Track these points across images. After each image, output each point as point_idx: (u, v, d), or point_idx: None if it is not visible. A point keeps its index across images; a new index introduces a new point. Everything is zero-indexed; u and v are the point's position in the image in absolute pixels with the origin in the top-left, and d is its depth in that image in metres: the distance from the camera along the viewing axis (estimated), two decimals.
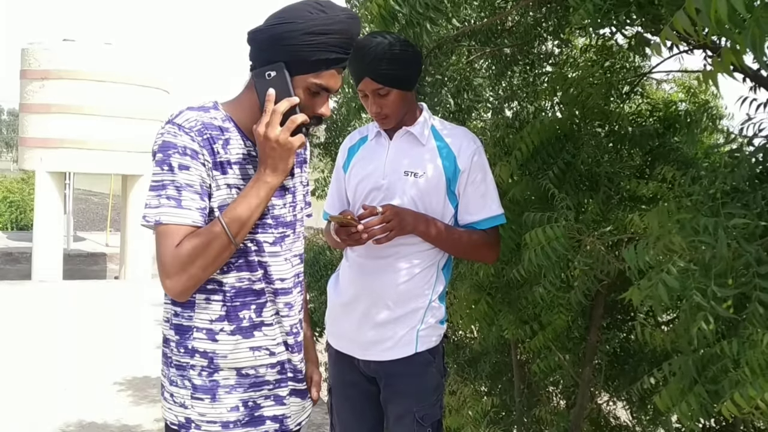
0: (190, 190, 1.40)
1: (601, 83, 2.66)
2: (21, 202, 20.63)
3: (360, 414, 2.15)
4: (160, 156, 1.40)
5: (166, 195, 1.39)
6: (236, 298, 1.49)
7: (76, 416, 5.44)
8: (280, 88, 1.42)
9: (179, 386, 1.49)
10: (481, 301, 2.82)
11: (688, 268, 1.50)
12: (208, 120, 1.45)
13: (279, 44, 1.41)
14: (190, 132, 1.40)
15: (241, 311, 1.49)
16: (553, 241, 1.97)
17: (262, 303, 1.52)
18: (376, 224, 1.89)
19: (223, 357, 1.48)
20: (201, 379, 1.48)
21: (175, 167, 1.39)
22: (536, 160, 2.62)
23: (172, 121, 1.43)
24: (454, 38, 2.73)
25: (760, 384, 1.40)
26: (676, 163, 2.56)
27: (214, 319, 1.48)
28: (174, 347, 1.50)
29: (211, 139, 1.43)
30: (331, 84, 1.47)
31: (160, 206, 1.39)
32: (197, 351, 1.48)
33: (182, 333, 1.49)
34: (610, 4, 1.76)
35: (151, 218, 1.40)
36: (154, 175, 1.41)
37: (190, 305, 1.48)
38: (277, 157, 1.41)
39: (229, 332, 1.48)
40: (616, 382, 3.22)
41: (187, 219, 1.39)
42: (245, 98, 1.51)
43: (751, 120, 1.79)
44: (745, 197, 1.58)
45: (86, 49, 13.12)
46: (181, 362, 1.49)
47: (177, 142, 1.39)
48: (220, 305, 1.48)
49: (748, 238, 1.47)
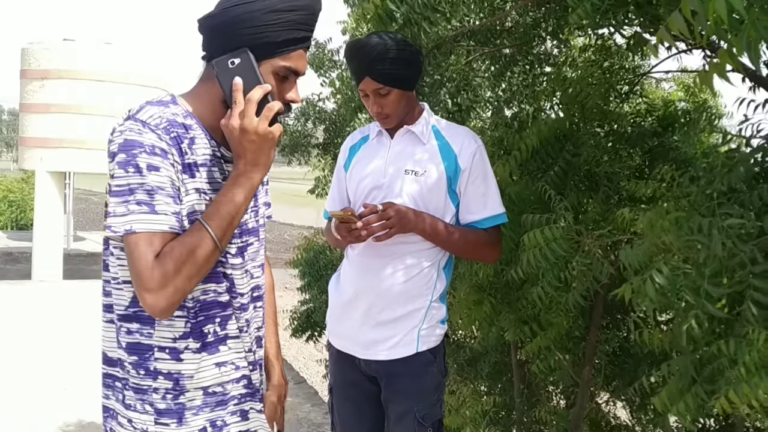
0: (163, 193, 1.23)
1: (600, 83, 2.66)
2: (21, 201, 20.62)
3: (361, 413, 2.16)
4: (122, 156, 1.22)
5: (136, 200, 1.21)
6: (201, 312, 1.35)
7: (76, 416, 5.44)
8: (247, 76, 1.28)
9: (139, 411, 1.34)
10: (480, 301, 2.82)
11: (681, 267, 1.51)
12: (171, 116, 1.28)
13: (240, 27, 1.27)
14: (156, 129, 1.24)
15: (205, 326, 1.36)
16: (551, 243, 1.97)
17: (227, 315, 1.39)
18: (375, 221, 1.89)
19: (189, 377, 1.34)
20: (165, 402, 1.33)
21: (143, 168, 1.21)
22: (535, 160, 2.62)
23: (133, 117, 1.26)
24: (452, 38, 2.73)
25: (755, 382, 1.40)
26: (674, 162, 2.56)
27: (177, 337, 1.33)
28: (130, 368, 1.34)
29: (178, 138, 1.27)
30: (300, 66, 1.34)
31: (130, 213, 1.21)
32: (160, 373, 1.33)
33: (140, 353, 1.33)
34: (609, 4, 1.75)
35: (119, 227, 1.21)
36: (117, 179, 1.22)
37: (150, 321, 1.31)
38: (257, 150, 1.26)
39: (195, 350, 1.34)
40: (615, 381, 3.22)
41: (163, 225, 1.22)
42: (203, 92, 1.36)
43: (749, 120, 1.79)
44: (742, 197, 1.58)
45: (86, 49, 13.10)
46: (141, 385, 1.33)
47: (143, 140, 1.22)
48: (183, 321, 1.33)
49: (743, 238, 1.47)
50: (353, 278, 2.09)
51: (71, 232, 16.29)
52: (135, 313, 1.33)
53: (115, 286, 1.34)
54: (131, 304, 1.33)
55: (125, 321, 1.33)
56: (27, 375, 6.58)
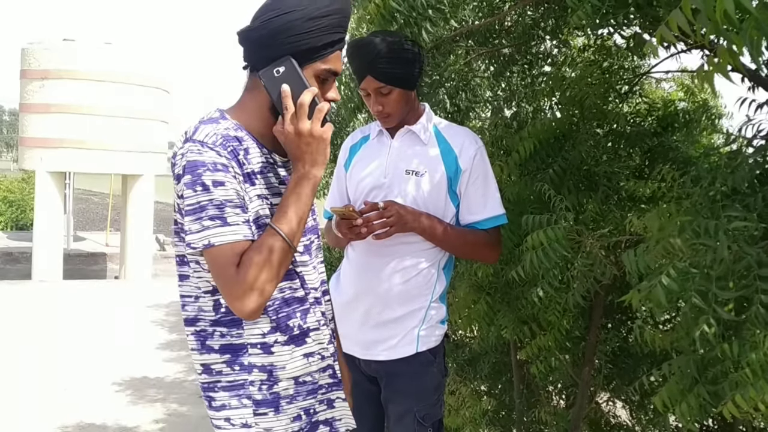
0: (231, 204, 1.31)
1: (599, 83, 2.65)
2: (21, 201, 20.62)
3: (360, 413, 2.14)
4: (188, 178, 1.30)
5: (208, 216, 1.29)
6: (282, 308, 1.44)
7: (75, 416, 5.44)
8: (293, 82, 1.34)
9: (236, 407, 1.42)
10: (480, 301, 2.81)
11: (688, 271, 1.50)
12: (224, 132, 1.36)
13: (282, 37, 1.34)
14: (214, 147, 1.31)
15: (290, 320, 1.45)
16: (553, 243, 1.97)
17: (306, 309, 1.48)
18: (376, 219, 1.89)
19: (281, 368, 1.43)
20: (262, 393, 1.42)
21: (210, 185, 1.29)
22: (535, 160, 2.62)
23: (191, 138, 1.34)
24: (451, 38, 2.73)
25: (760, 385, 1.40)
26: (674, 162, 2.56)
27: (266, 332, 1.42)
28: (224, 367, 1.42)
29: (234, 151, 1.34)
30: (338, 66, 1.42)
31: (205, 229, 1.29)
32: (255, 366, 1.42)
33: (233, 352, 1.42)
34: (609, 6, 1.75)
35: (198, 243, 1.30)
36: (187, 199, 1.31)
37: (236, 323, 1.41)
38: (315, 151, 1.35)
39: (283, 343, 1.43)
40: (615, 381, 3.22)
41: (238, 235, 1.31)
42: (250, 103, 1.44)
43: (751, 121, 1.78)
44: (746, 199, 1.58)
45: (86, 49, 13.11)
46: (236, 381, 1.42)
47: (204, 159, 1.30)
48: (267, 319, 1.42)
49: (748, 241, 1.47)
50: (353, 278, 2.09)
51: (71, 232, 16.30)
52: (220, 319, 1.41)
53: (200, 296, 1.42)
54: (215, 309, 1.41)
55: (216, 326, 1.42)
56: (27, 375, 6.58)
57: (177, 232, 1.42)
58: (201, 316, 1.42)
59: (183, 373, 6.79)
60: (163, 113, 14.24)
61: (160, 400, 5.96)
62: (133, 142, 13.26)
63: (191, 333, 1.44)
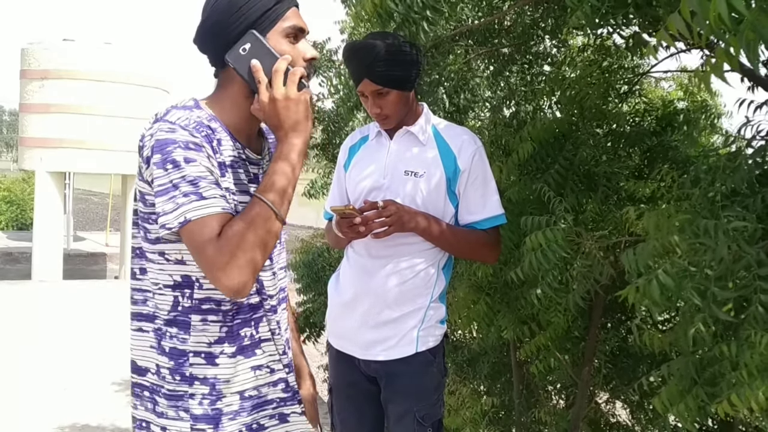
0: (206, 180, 1.23)
1: (598, 83, 2.65)
2: (21, 201, 20.62)
3: (360, 414, 2.16)
4: (158, 157, 1.23)
5: (182, 193, 1.21)
6: (237, 315, 1.36)
7: (74, 417, 5.45)
8: (261, 55, 1.29)
9: (174, 418, 1.33)
10: (479, 301, 2.81)
11: (686, 269, 1.50)
12: (197, 119, 1.29)
13: (232, 13, 1.30)
14: (187, 128, 1.25)
15: (242, 329, 1.37)
16: (552, 244, 1.97)
17: (259, 318, 1.40)
18: (375, 218, 1.89)
19: (225, 382, 1.35)
20: (202, 408, 1.33)
21: (181, 161, 1.22)
22: (535, 160, 2.62)
23: (162, 119, 1.27)
24: (450, 38, 2.73)
25: (756, 385, 1.40)
26: (674, 162, 2.56)
27: (212, 342, 1.33)
28: (167, 374, 1.34)
29: (208, 137, 1.28)
30: (301, 22, 1.36)
31: (180, 206, 1.21)
32: (196, 378, 1.33)
33: (176, 358, 1.33)
34: (608, 6, 1.75)
35: (174, 222, 1.21)
36: (157, 180, 1.23)
37: (185, 326, 1.32)
38: (293, 115, 1.28)
39: (230, 354, 1.35)
40: (614, 381, 3.22)
41: (215, 207, 1.23)
42: (223, 94, 1.38)
43: (750, 122, 1.78)
44: (745, 201, 1.58)
45: (86, 49, 13.10)
46: (176, 391, 1.33)
47: (176, 137, 1.23)
48: (218, 326, 1.33)
49: (747, 241, 1.47)
50: (353, 279, 2.09)
51: (71, 232, 16.31)
52: (175, 318, 1.33)
53: (157, 292, 1.34)
54: (173, 308, 1.34)
55: (169, 326, 1.34)
56: (27, 375, 6.58)
57: (136, 223, 1.35)
58: (158, 314, 1.35)
59: None
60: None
61: None
62: (133, 142, 13.16)
63: (150, 330, 1.36)
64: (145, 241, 1.33)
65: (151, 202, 1.29)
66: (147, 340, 1.38)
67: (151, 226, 1.31)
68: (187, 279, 1.32)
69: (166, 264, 1.32)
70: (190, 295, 1.32)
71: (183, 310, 1.33)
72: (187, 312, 1.32)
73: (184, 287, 1.32)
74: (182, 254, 1.30)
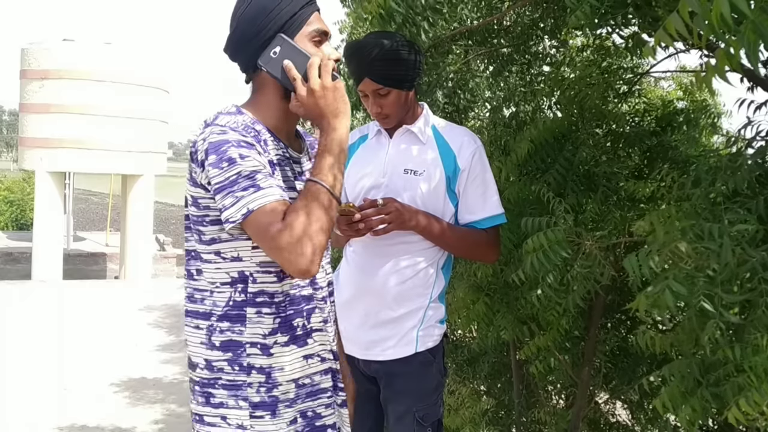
0: (261, 173, 1.29)
1: (598, 83, 2.65)
2: (21, 201, 20.62)
3: (360, 414, 2.15)
4: (213, 158, 1.28)
5: (241, 188, 1.27)
6: (290, 306, 1.42)
7: (76, 416, 5.45)
8: (292, 55, 1.36)
9: (233, 407, 1.39)
10: (479, 301, 2.81)
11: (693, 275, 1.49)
12: (243, 122, 1.36)
13: (260, 20, 1.37)
14: (236, 129, 1.32)
15: (294, 319, 1.43)
16: (554, 245, 1.96)
17: (311, 308, 1.46)
18: (374, 215, 1.89)
19: (280, 369, 1.41)
20: (260, 396, 1.39)
21: (236, 158, 1.28)
22: (534, 160, 2.62)
23: (211, 123, 1.35)
24: (450, 38, 2.73)
25: (765, 389, 1.39)
26: (674, 162, 2.56)
27: (267, 333, 1.39)
28: (225, 365, 1.39)
29: (256, 137, 1.34)
30: (324, 25, 1.43)
31: (239, 200, 1.26)
32: (254, 367, 1.39)
33: (234, 349, 1.39)
34: (608, 6, 1.75)
35: (236, 215, 1.27)
36: (215, 178, 1.28)
37: (241, 319, 1.38)
38: (333, 102, 1.35)
39: (283, 344, 1.41)
40: (614, 381, 3.22)
41: (275, 195, 1.28)
42: (260, 99, 1.45)
43: (751, 122, 1.78)
44: (747, 202, 1.58)
45: (86, 49, 13.10)
46: (235, 381, 1.39)
47: (228, 138, 1.30)
48: (272, 318, 1.39)
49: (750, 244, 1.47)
50: (352, 278, 2.09)
51: (71, 232, 16.29)
52: (227, 312, 1.39)
53: (215, 290, 1.39)
54: (226, 303, 1.39)
55: (221, 321, 1.39)
56: (27, 375, 6.58)
57: (188, 227, 1.41)
58: (214, 311, 1.40)
59: (181, 374, 6.79)
60: (163, 113, 14.24)
61: (159, 401, 5.97)
62: (133, 142, 13.25)
63: (204, 327, 1.41)
64: (200, 243, 1.39)
65: (205, 205, 1.35)
66: (199, 336, 1.42)
67: (205, 228, 1.37)
68: (242, 274, 1.38)
69: (223, 262, 1.38)
70: (243, 289, 1.38)
71: (235, 304, 1.38)
72: (241, 306, 1.38)
73: (238, 282, 1.38)
74: (238, 251, 1.37)
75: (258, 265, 1.37)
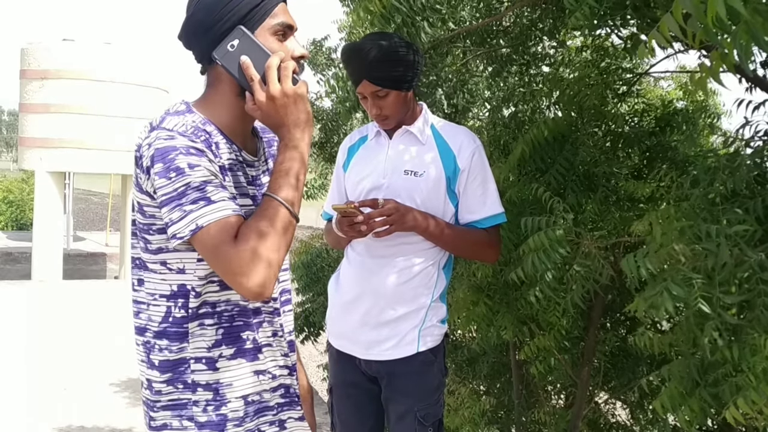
0: (212, 184, 1.19)
1: (597, 84, 2.66)
2: (21, 201, 20.60)
3: (361, 413, 2.15)
4: (160, 166, 1.18)
5: (190, 200, 1.17)
6: (237, 317, 1.33)
7: (76, 416, 5.45)
8: (251, 51, 1.24)
9: (177, 428, 1.30)
10: (479, 301, 2.82)
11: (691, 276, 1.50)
12: (192, 123, 1.25)
13: (218, 9, 1.24)
14: (185, 134, 1.21)
15: (243, 332, 1.33)
16: (554, 244, 1.97)
17: (260, 321, 1.37)
18: (377, 216, 1.89)
19: (228, 386, 1.31)
20: (207, 415, 1.30)
21: (185, 168, 1.17)
22: (534, 160, 2.62)
23: (159, 127, 1.23)
24: (449, 39, 2.73)
25: (762, 389, 1.40)
26: (673, 162, 2.56)
27: (210, 346, 1.30)
28: (163, 386, 1.31)
29: (207, 141, 1.23)
30: (289, 19, 1.30)
31: (188, 214, 1.17)
32: (199, 384, 1.30)
33: (173, 369, 1.30)
34: (606, 7, 1.75)
35: (185, 231, 1.17)
36: (161, 189, 1.18)
37: (181, 336, 1.29)
38: (294, 111, 1.23)
39: (229, 357, 1.31)
40: (614, 381, 3.22)
41: (226, 210, 1.19)
42: (213, 96, 1.33)
43: (749, 122, 1.79)
44: (745, 202, 1.58)
45: (86, 49, 13.09)
46: (179, 400, 1.30)
47: (176, 144, 1.19)
48: (214, 329, 1.30)
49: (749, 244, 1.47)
50: (353, 278, 2.09)
51: (71, 232, 16.29)
52: (165, 329, 1.30)
53: (152, 302, 1.31)
54: (164, 319, 1.30)
55: (159, 338, 1.30)
56: (27, 375, 6.58)
57: (135, 233, 1.32)
58: (149, 326, 1.31)
59: None
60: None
61: None
62: (133, 142, 13.18)
63: (140, 343, 1.33)
64: (146, 251, 1.30)
65: (151, 214, 1.26)
66: (140, 353, 1.35)
67: (152, 236, 1.28)
68: (182, 288, 1.29)
69: (168, 273, 1.29)
70: (184, 304, 1.29)
71: (174, 320, 1.29)
72: (181, 322, 1.29)
73: (179, 297, 1.29)
74: (183, 263, 1.27)
75: (200, 279, 1.28)
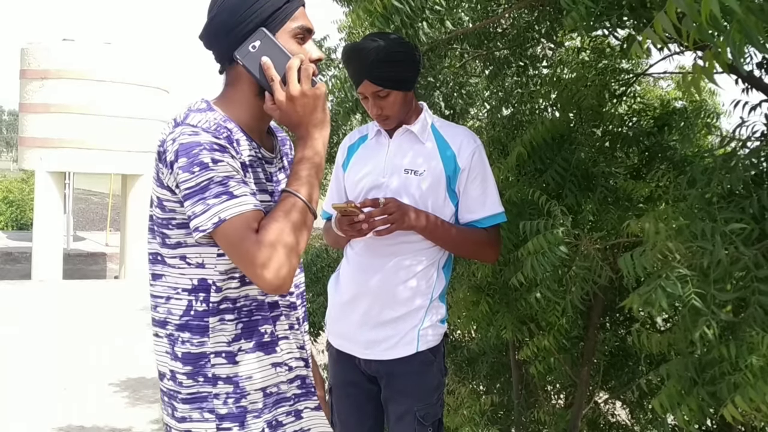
0: (234, 179, 1.23)
1: (594, 84, 2.66)
2: (21, 201, 20.61)
3: (360, 413, 2.16)
4: (184, 160, 1.22)
5: (213, 194, 1.21)
6: (255, 312, 1.37)
7: (76, 416, 5.45)
8: (272, 52, 1.28)
9: (198, 420, 1.34)
10: (479, 302, 2.82)
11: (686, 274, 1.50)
12: (215, 121, 1.28)
13: (242, 11, 1.28)
14: (209, 130, 1.24)
15: (261, 325, 1.37)
16: (553, 246, 1.97)
17: (278, 315, 1.41)
18: (377, 215, 1.89)
19: (248, 378, 1.35)
20: (227, 407, 1.34)
21: (208, 163, 1.21)
22: (533, 161, 2.62)
23: (182, 123, 1.27)
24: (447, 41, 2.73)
25: (760, 387, 1.40)
26: (671, 162, 2.56)
27: (230, 340, 1.33)
28: (184, 379, 1.34)
29: (228, 138, 1.27)
30: (309, 22, 1.35)
31: (211, 207, 1.20)
32: (219, 378, 1.33)
33: (194, 362, 1.33)
34: (602, 8, 1.76)
35: (207, 224, 1.21)
36: (185, 183, 1.22)
37: (202, 330, 1.32)
38: (313, 110, 1.28)
39: (248, 350, 1.35)
40: (614, 381, 3.23)
41: (248, 205, 1.23)
42: (233, 94, 1.36)
43: (745, 122, 1.79)
44: (741, 202, 1.58)
45: (86, 49, 13.11)
46: (199, 393, 1.34)
47: (200, 140, 1.23)
48: (234, 324, 1.34)
49: (744, 243, 1.47)
50: (352, 278, 2.09)
51: (71, 232, 16.30)
52: (188, 322, 1.33)
53: (174, 296, 1.34)
54: (185, 312, 1.33)
55: (181, 330, 1.33)
56: (27, 375, 6.59)
57: (152, 229, 1.35)
58: (169, 319, 1.35)
59: None
60: (163, 113, 14.25)
61: (158, 401, 5.96)
62: (133, 142, 13.25)
63: (164, 335, 1.36)
64: (164, 246, 1.33)
65: (171, 208, 1.29)
66: (162, 345, 1.37)
67: (171, 231, 1.31)
68: (203, 282, 1.32)
69: (187, 268, 1.32)
70: (205, 298, 1.32)
71: (196, 314, 1.32)
72: (202, 315, 1.32)
73: (200, 291, 1.32)
74: (203, 257, 1.31)
75: (221, 273, 1.31)
